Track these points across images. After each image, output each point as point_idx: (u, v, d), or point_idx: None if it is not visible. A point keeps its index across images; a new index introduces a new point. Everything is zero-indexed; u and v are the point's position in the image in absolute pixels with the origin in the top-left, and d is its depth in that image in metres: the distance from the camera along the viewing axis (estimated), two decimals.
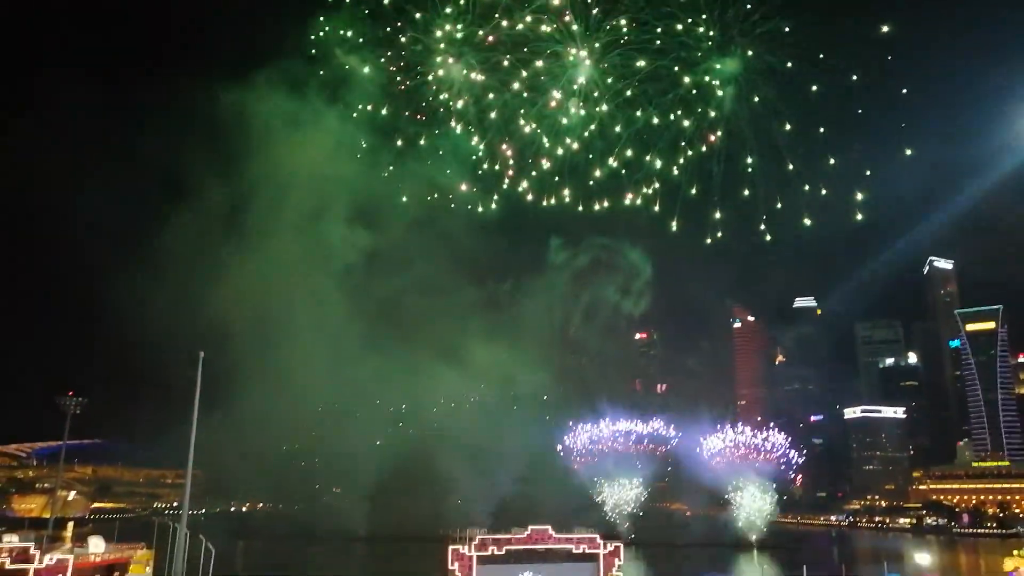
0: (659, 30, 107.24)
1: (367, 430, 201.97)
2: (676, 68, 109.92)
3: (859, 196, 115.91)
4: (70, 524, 77.50)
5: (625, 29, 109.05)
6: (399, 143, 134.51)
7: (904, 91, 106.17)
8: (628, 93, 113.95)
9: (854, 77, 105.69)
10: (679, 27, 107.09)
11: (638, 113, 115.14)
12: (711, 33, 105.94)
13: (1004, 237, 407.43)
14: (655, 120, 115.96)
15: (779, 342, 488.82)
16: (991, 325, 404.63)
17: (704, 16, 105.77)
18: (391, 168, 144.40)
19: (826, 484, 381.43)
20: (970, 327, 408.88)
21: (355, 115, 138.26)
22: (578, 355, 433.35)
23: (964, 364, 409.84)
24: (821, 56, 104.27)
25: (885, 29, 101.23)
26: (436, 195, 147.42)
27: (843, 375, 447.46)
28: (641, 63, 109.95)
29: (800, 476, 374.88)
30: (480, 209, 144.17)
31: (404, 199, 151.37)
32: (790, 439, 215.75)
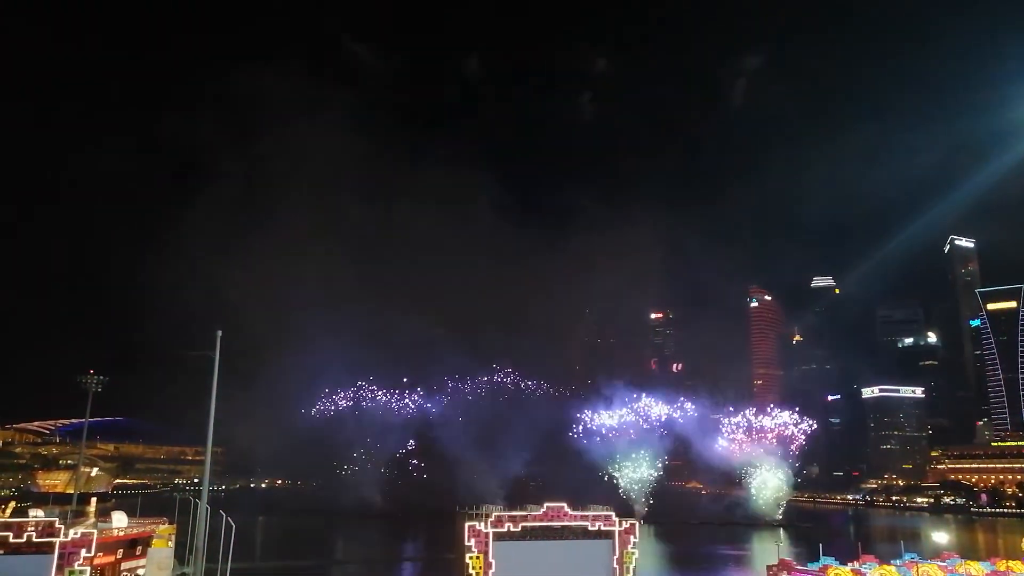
0: None
1: (383, 405, 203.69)
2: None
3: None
4: (93, 499, 78.92)
5: None
6: None
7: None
8: None
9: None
10: None
11: None
12: None
13: None
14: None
15: (797, 322, 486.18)
16: (1013, 304, 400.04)
17: None
18: None
19: (843, 464, 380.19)
20: (991, 306, 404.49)
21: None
22: (593, 335, 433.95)
23: (984, 343, 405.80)
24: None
25: None
26: None
27: (861, 355, 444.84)
28: None
29: (815, 456, 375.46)
30: None
31: None
32: (806, 419, 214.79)
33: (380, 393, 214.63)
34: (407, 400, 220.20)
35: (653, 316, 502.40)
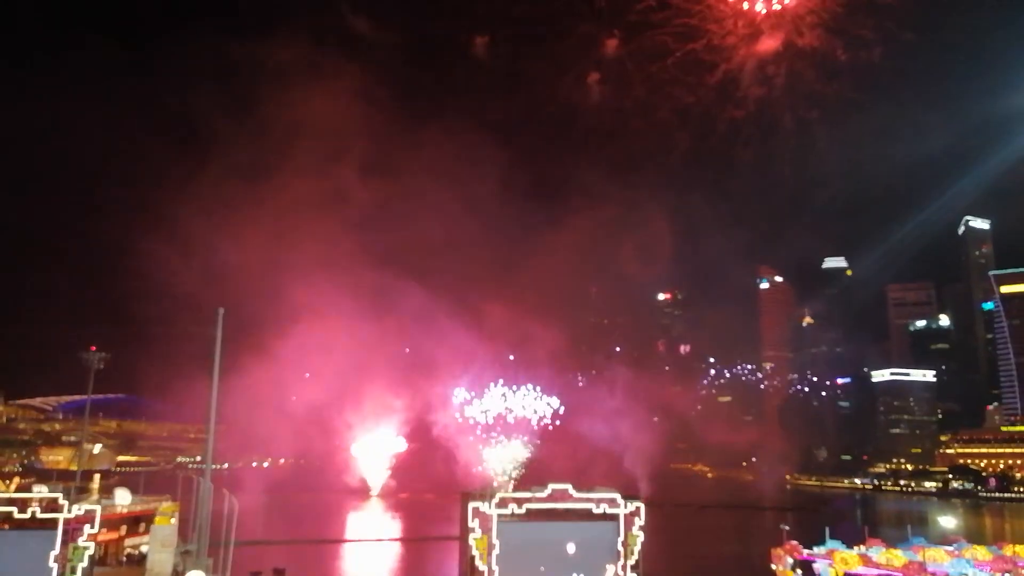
0: None
1: (385, 384, 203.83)
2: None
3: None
4: (97, 476, 79.07)
5: None
6: None
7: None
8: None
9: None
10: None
11: None
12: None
13: None
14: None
15: (807, 303, 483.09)
16: None
17: None
18: None
19: (852, 447, 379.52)
20: (1004, 289, 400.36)
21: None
22: (600, 315, 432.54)
23: (997, 327, 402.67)
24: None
25: None
26: None
27: (872, 338, 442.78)
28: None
29: (824, 439, 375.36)
30: None
31: None
32: (815, 402, 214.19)
33: None
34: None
35: (661, 297, 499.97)
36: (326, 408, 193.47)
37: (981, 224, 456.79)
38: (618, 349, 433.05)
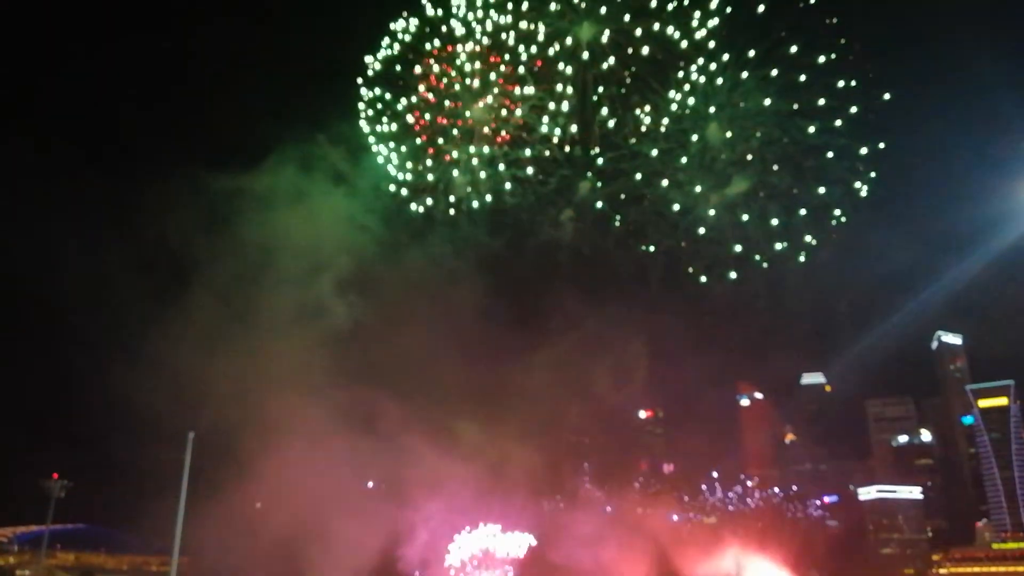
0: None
1: (359, 514, 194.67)
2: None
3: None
4: None
5: None
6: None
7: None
8: None
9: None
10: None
11: None
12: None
13: (1012, 309, 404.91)
14: None
15: (788, 420, 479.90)
16: (1004, 401, 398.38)
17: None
18: None
19: (843, 569, 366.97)
20: (982, 403, 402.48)
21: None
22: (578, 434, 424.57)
23: (979, 441, 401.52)
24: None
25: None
26: None
27: (855, 453, 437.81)
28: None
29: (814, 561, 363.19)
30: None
31: None
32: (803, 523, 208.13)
33: None
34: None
35: (642, 415, 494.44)
36: (295, 540, 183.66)
37: (953, 339, 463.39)
38: (596, 469, 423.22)
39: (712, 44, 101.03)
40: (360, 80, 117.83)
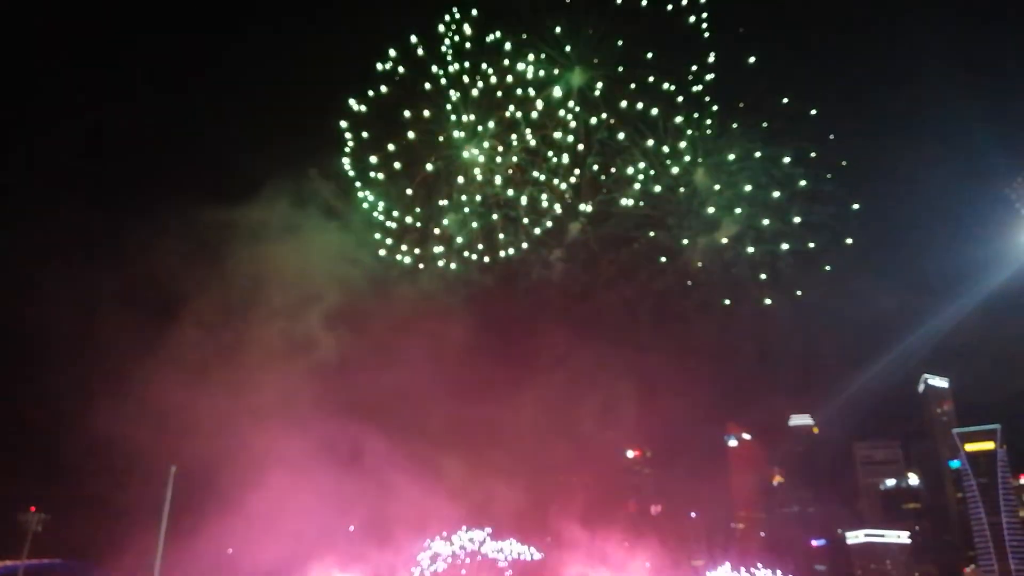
0: None
1: (340, 552, 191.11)
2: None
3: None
4: None
5: None
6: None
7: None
8: None
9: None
10: None
11: None
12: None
13: (998, 353, 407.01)
14: None
15: (776, 461, 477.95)
16: (990, 445, 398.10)
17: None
18: None
19: None
20: (969, 447, 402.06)
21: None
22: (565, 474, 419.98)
23: (966, 486, 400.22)
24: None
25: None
26: None
27: (843, 496, 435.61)
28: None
29: None
30: None
31: None
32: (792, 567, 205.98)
33: None
34: None
35: (630, 454, 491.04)
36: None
37: (940, 382, 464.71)
38: (583, 509, 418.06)
39: (707, 98, 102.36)
40: (344, 124, 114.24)
